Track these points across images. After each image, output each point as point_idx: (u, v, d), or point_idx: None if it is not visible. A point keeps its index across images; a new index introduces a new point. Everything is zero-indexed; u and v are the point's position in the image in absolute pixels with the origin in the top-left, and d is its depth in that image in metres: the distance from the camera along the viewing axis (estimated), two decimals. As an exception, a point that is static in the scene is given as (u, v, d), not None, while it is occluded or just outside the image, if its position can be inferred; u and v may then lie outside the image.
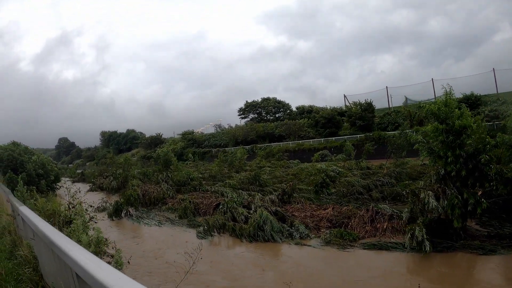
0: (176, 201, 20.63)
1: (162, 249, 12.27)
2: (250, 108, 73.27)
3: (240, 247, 12.47)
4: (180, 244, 12.27)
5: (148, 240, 14.09)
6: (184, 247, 11.51)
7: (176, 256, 9.60)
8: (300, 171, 24.89)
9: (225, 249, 12.57)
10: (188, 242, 11.79)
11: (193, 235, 13.86)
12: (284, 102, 73.91)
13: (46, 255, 3.49)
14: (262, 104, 72.28)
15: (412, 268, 10.09)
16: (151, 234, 15.01)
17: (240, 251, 12.17)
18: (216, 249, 12.41)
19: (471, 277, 9.45)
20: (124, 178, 31.56)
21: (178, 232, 14.64)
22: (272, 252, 11.97)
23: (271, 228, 12.78)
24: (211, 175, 28.89)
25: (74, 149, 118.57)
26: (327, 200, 17.78)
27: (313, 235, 13.00)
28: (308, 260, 11.02)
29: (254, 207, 14.92)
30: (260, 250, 11.98)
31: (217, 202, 17.07)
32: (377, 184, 18.97)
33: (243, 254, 11.79)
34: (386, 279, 9.13)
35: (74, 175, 56.31)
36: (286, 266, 10.59)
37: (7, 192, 13.20)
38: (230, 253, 12.08)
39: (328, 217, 14.69)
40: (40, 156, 36.00)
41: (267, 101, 72.48)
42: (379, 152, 34.19)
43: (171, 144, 66.09)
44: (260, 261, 11.05)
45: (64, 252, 2.39)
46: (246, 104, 73.19)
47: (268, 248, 12.17)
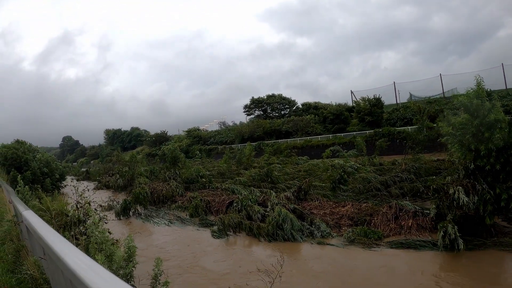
0: (186, 199, 19.92)
1: (196, 255, 11.34)
2: (255, 105, 72.45)
3: (258, 247, 11.76)
4: (209, 250, 11.71)
5: (170, 243, 13.09)
6: (215, 253, 11.05)
7: (214, 264, 8.89)
8: (312, 168, 24.09)
9: (243, 248, 11.81)
10: (217, 247, 11.16)
11: (208, 235, 13.18)
12: (289, 98, 73.17)
13: (62, 281, 2.60)
14: (267, 101, 71.46)
15: (447, 268, 9.32)
16: (165, 234, 14.24)
17: (259, 250, 11.44)
18: (234, 250, 11.67)
19: (510, 276, 8.83)
20: (131, 176, 30.91)
21: (195, 233, 13.86)
22: (294, 252, 11.28)
23: (291, 227, 12.07)
24: (219, 172, 28.14)
25: (78, 147, 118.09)
26: (343, 197, 17.08)
27: (335, 233, 12.31)
28: (334, 261, 10.31)
29: (271, 204, 14.16)
30: (280, 250, 11.25)
31: (230, 200, 16.30)
32: (395, 180, 18.15)
33: (264, 254, 11.06)
34: (420, 280, 8.39)
35: (79, 173, 55.79)
36: (311, 267, 9.89)
37: (10, 192, 12.38)
38: (250, 253, 11.33)
39: (349, 214, 14.04)
40: (44, 154, 35.44)
41: (272, 98, 71.67)
42: (390, 148, 33.50)
43: (176, 141, 65.40)
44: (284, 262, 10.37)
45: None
46: (252, 101, 72.41)
47: (289, 248, 11.47)
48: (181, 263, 10.43)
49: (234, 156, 33.47)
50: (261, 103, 72.05)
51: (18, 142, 35.12)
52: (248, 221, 13.01)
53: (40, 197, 22.69)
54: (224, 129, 72.10)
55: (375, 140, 39.82)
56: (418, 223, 12.11)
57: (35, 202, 16.13)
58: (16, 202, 6.41)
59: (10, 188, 13.14)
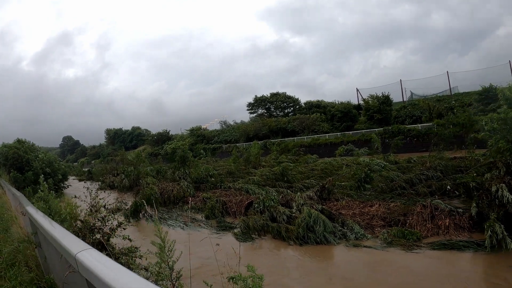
0: (198, 199, 18.91)
1: (227, 261, 10.27)
2: (259, 103, 71.46)
3: (289, 251, 10.79)
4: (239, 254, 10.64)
5: (192, 246, 12.07)
6: (245, 258, 9.84)
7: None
8: (328, 166, 23.07)
9: (274, 253, 10.80)
10: (245, 251, 10.03)
11: (230, 238, 12.15)
12: (293, 97, 72.15)
13: None
14: (271, 99, 70.45)
15: (504, 269, 8.43)
16: (183, 237, 13.16)
17: (292, 254, 10.47)
18: (265, 254, 10.64)
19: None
20: (136, 176, 29.86)
21: (216, 236, 12.77)
22: (330, 255, 10.44)
23: (323, 229, 11.11)
24: (228, 172, 27.03)
25: (78, 147, 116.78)
26: (366, 196, 16.13)
27: (369, 235, 11.46)
28: (376, 264, 9.43)
29: (296, 205, 13.19)
30: (314, 254, 10.36)
31: (249, 201, 15.30)
32: (421, 178, 17.18)
33: (298, 259, 10.11)
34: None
35: (80, 173, 54.66)
36: (353, 270, 9.06)
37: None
38: (282, 258, 10.33)
39: (380, 214, 13.14)
40: (47, 154, 34.45)
41: (276, 96, 70.65)
42: (401, 146, 32.70)
43: (179, 140, 64.32)
44: (322, 266, 9.41)
45: None
46: (255, 99, 71.43)
47: (322, 251, 10.60)
48: (214, 269, 9.44)
49: (241, 155, 32.33)
50: (264, 101, 71.05)
51: (19, 141, 34.07)
52: (275, 223, 11.99)
53: (45, 197, 21.69)
54: (228, 127, 71.03)
55: (385, 138, 39.01)
56: (455, 222, 11.39)
57: (41, 203, 15.09)
58: (35, 215, 4.85)
59: (19, 193, 11.40)
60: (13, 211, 9.99)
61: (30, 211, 5.15)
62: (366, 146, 33.34)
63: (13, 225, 7.71)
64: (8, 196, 15.71)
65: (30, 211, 5.11)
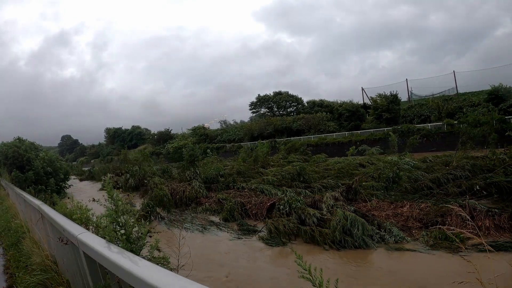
0: (212, 200, 17.96)
1: (264, 270, 9.35)
2: (262, 102, 70.51)
3: (326, 256, 9.84)
4: (272, 261, 9.80)
5: (218, 253, 11.07)
6: (282, 266, 9.01)
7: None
8: (346, 166, 22.14)
9: (310, 259, 9.78)
10: (280, 257, 9.16)
11: (257, 243, 11.22)
12: (296, 96, 71.29)
13: None
14: (274, 98, 69.52)
15: None
16: (205, 243, 12.17)
17: (332, 260, 9.55)
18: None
19: None
20: (142, 175, 28.85)
21: (241, 242, 11.80)
22: (372, 260, 9.53)
23: (361, 232, 10.22)
24: (238, 171, 26.01)
25: (77, 146, 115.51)
26: (392, 196, 15.24)
27: (408, 237, 10.66)
28: (428, 269, 8.64)
29: (326, 206, 12.28)
30: (356, 260, 9.49)
31: (271, 202, 14.35)
32: (448, 178, 16.30)
33: (340, 265, 9.20)
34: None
35: (81, 172, 53.51)
36: (404, 278, 8.22)
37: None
38: (322, 264, 9.36)
39: (415, 215, 12.29)
40: (48, 153, 33.35)
41: (279, 95, 69.72)
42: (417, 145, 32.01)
43: (181, 139, 63.29)
44: (371, 273, 8.51)
45: None
46: (258, 98, 70.44)
47: (363, 257, 9.74)
48: (253, 279, 8.49)
49: (251, 154, 31.36)
50: (267, 100, 70.13)
51: (19, 139, 32.96)
52: (307, 226, 11.06)
53: (54, 202, 20.53)
54: (229, 127, 70.08)
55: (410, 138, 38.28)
56: (495, 223, 10.82)
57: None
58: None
59: (37, 201, 9.33)
60: (22, 219, 8.81)
61: (61, 221, 3.97)
62: (375, 145, 32.50)
63: (25, 239, 6.50)
64: (12, 198, 14.41)
65: (62, 222, 3.94)
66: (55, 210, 11.27)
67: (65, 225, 3.74)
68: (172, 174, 28.83)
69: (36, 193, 24.55)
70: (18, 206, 10.76)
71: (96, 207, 9.59)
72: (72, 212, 10.67)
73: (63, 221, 4.04)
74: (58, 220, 4.07)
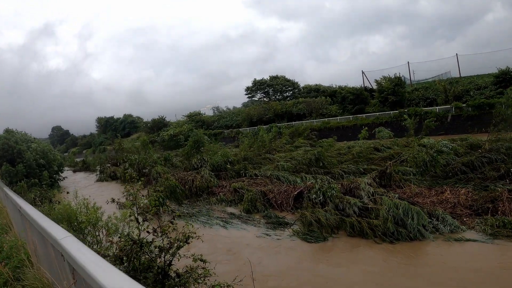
0: (227, 190, 16.50)
1: (319, 275, 7.80)
2: (258, 87, 68.52)
3: (381, 251, 8.58)
4: (321, 261, 8.53)
5: (254, 254, 9.25)
6: (337, 267, 7.54)
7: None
8: (364, 150, 20.74)
9: (365, 256, 8.45)
10: (329, 257, 7.81)
11: (292, 239, 9.80)
12: (293, 80, 69.41)
13: None
14: (270, 82, 67.59)
15: None
16: (232, 240, 10.61)
17: (390, 256, 8.23)
18: (359, 259, 8.29)
19: None
20: (143, 165, 27.21)
21: (274, 238, 10.32)
22: (435, 254, 8.37)
23: (417, 222, 8.95)
24: (244, 158, 24.42)
25: (68, 137, 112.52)
26: (424, 182, 13.97)
27: (463, 226, 9.63)
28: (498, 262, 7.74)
29: (366, 194, 10.92)
30: (417, 254, 8.40)
31: (297, 190, 12.91)
32: (482, 161, 15.03)
33: (403, 261, 7.89)
34: None
35: (74, 163, 51.41)
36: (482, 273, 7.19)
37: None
38: (384, 262, 8.02)
39: (462, 202, 11.10)
40: (40, 144, 31.38)
41: (276, 80, 67.74)
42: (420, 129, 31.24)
43: (176, 126, 61.30)
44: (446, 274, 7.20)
45: None
46: (254, 82, 68.35)
47: (423, 250, 8.67)
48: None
49: (256, 140, 29.78)
50: (263, 85, 68.19)
51: (8, 131, 30.97)
52: (351, 218, 9.66)
53: (50, 199, 18.68)
54: (228, 112, 68.18)
55: (400, 121, 37.13)
56: None
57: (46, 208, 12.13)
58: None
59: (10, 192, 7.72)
60: (16, 233, 6.79)
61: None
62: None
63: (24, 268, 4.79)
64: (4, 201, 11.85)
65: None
66: (57, 210, 9.63)
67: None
68: (173, 163, 27.21)
69: (29, 187, 22.84)
70: (12, 213, 8.84)
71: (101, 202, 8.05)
72: (77, 212, 9.08)
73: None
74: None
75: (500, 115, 16.61)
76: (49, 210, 10.16)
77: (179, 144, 53.76)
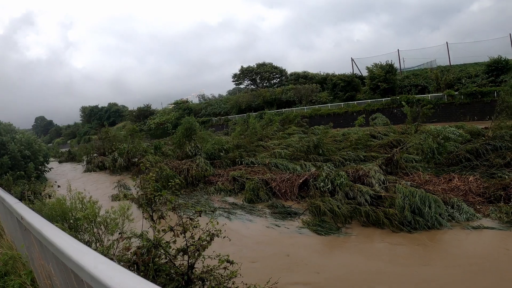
0: (225, 179, 15.92)
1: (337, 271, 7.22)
2: (245, 74, 67.60)
3: (399, 241, 8.20)
4: (336, 256, 8.14)
5: (261, 250, 8.86)
6: (361, 263, 6.97)
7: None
8: (364, 137, 20.34)
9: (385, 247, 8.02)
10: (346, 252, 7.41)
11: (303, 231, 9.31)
12: (280, 67, 68.76)
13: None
14: (257, 70, 66.72)
15: None
16: (239, 233, 9.99)
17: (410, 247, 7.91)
18: (377, 251, 7.86)
19: None
20: (133, 154, 26.35)
21: (281, 230, 9.77)
22: (458, 243, 8.14)
23: (434, 211, 8.64)
24: (237, 146, 23.75)
25: (52, 127, 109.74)
26: (429, 169, 13.67)
27: (479, 214, 9.36)
28: None
29: (377, 181, 10.50)
30: (437, 243, 8.14)
31: (302, 179, 12.40)
32: (487, 149, 14.78)
33: (428, 253, 7.55)
34: None
35: (59, 154, 49.85)
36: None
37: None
38: (409, 253, 7.63)
39: (474, 190, 10.81)
40: (25, 134, 30.02)
41: (263, 67, 66.92)
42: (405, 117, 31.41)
43: (163, 114, 60.18)
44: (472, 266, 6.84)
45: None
46: (242, 70, 67.37)
47: (441, 239, 8.37)
48: None
49: (247, 128, 29.17)
50: (251, 72, 67.32)
51: (-11, 122, 29.50)
52: (365, 206, 9.22)
53: (38, 193, 17.37)
54: (215, 100, 67.21)
55: (393, 108, 37.09)
56: None
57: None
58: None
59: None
60: (10, 241, 5.44)
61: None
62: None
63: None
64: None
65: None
66: (52, 205, 8.74)
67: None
68: (164, 151, 26.41)
69: (14, 180, 21.75)
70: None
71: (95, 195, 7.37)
72: (72, 208, 8.23)
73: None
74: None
75: (504, 102, 16.39)
76: (42, 206, 9.31)
77: (166, 133, 52.96)
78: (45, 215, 7.28)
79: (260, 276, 5.47)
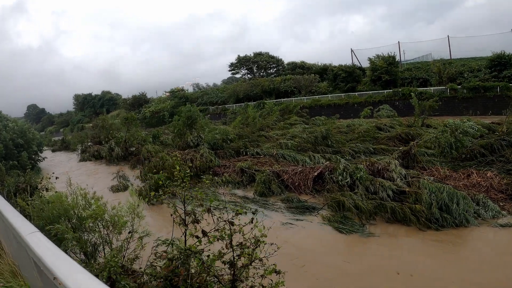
0: (232, 170, 15.34)
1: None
2: (242, 63, 66.52)
3: (428, 239, 7.79)
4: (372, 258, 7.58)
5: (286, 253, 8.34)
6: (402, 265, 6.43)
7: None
8: (372, 129, 19.87)
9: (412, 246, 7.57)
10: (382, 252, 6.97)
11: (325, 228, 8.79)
12: (277, 57, 67.73)
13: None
14: (254, 59, 65.67)
15: None
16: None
17: (442, 246, 7.49)
18: (409, 251, 7.38)
19: None
20: (130, 143, 25.60)
21: (304, 228, 9.20)
22: (493, 242, 7.78)
23: (462, 208, 8.27)
24: (238, 136, 23.10)
25: (45, 115, 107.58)
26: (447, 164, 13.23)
27: (504, 212, 8.97)
28: None
29: (398, 175, 10.01)
30: (469, 242, 7.87)
31: (317, 171, 11.86)
32: (502, 144, 14.36)
33: (464, 253, 7.16)
34: None
35: (52, 143, 48.64)
36: None
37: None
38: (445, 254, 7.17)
39: (495, 186, 10.36)
40: (18, 123, 29.07)
41: (260, 56, 65.84)
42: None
43: (159, 103, 59.15)
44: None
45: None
46: (238, 59, 66.19)
47: (470, 237, 8.03)
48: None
49: (247, 117, 28.52)
50: (248, 61, 66.27)
51: (-19, 111, 28.51)
52: (391, 202, 8.72)
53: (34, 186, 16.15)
54: (211, 89, 66.23)
55: (394, 101, 36.64)
56: None
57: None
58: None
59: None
60: (9, 256, 4.74)
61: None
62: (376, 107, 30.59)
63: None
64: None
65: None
66: (50, 200, 7.93)
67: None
68: (163, 140, 25.71)
69: (7, 170, 20.88)
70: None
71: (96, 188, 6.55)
72: (75, 205, 7.47)
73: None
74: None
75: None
76: (42, 205, 8.37)
77: (162, 121, 52.05)
78: (46, 216, 6.68)
79: (308, 282, 4.92)
